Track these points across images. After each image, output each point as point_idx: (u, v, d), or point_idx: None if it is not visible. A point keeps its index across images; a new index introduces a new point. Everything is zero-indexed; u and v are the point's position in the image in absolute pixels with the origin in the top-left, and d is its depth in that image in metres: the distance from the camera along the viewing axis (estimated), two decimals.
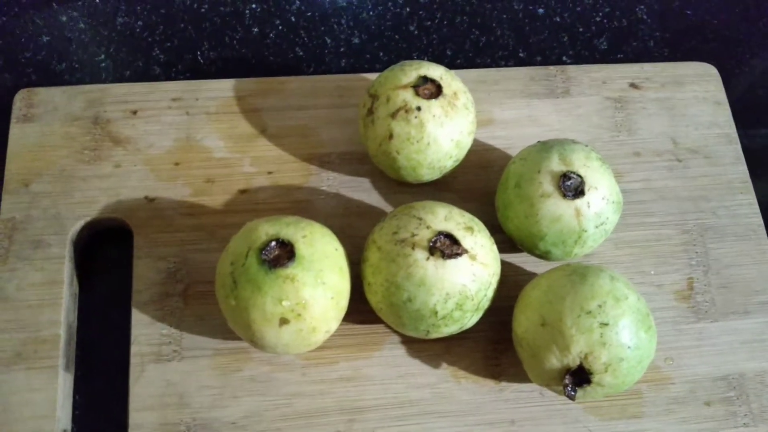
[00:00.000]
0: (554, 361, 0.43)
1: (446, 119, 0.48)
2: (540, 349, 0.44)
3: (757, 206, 0.56)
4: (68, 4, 0.62)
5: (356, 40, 0.63)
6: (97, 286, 0.52)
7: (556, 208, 0.46)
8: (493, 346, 0.51)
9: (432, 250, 0.43)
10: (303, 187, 0.54)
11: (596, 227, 0.47)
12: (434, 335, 0.46)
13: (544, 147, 0.49)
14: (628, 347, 0.42)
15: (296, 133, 0.55)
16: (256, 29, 0.62)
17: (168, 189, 0.53)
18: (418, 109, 0.47)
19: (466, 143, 0.50)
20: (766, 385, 0.51)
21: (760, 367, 0.52)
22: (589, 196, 0.46)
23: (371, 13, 0.64)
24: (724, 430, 0.50)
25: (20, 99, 0.54)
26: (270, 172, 0.54)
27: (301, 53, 0.62)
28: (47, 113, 0.54)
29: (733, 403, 0.50)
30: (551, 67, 0.60)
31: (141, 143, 0.54)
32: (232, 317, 0.44)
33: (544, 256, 0.50)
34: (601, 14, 0.66)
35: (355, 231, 0.52)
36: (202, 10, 0.63)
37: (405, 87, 0.48)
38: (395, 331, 0.50)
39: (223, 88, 0.56)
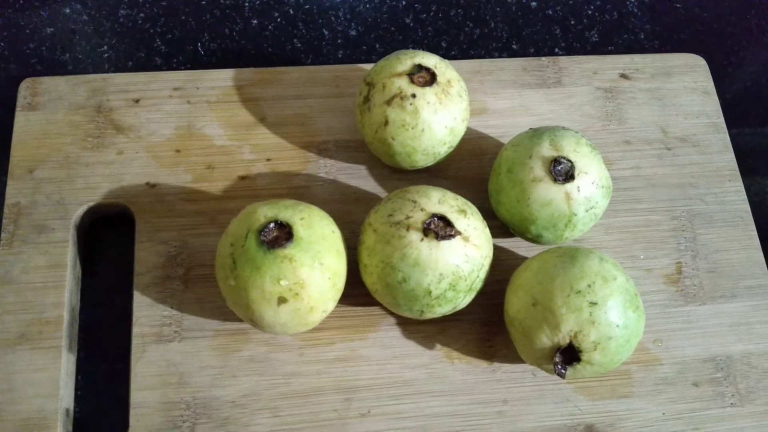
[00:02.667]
0: (545, 340, 0.44)
1: (440, 106, 0.49)
2: (531, 328, 0.45)
3: (744, 193, 0.57)
4: None
5: (353, 32, 0.64)
6: (100, 269, 0.53)
7: (547, 192, 0.47)
8: (486, 327, 0.52)
9: (426, 231, 0.45)
10: (301, 174, 0.55)
11: (586, 211, 0.48)
12: (428, 315, 0.47)
13: (536, 133, 0.50)
14: (617, 326, 0.43)
15: (294, 122, 0.57)
16: (255, 21, 0.64)
17: (169, 175, 0.54)
18: (413, 96, 0.48)
19: (460, 130, 0.51)
20: (753, 366, 0.52)
21: (747, 349, 0.53)
22: (579, 180, 0.47)
23: (368, 5, 0.66)
24: (712, 410, 0.51)
25: (25, 88, 0.56)
26: (269, 159, 0.55)
27: (299, 45, 0.63)
28: (51, 102, 0.55)
29: (720, 384, 0.52)
30: (543, 58, 0.61)
31: (143, 131, 0.55)
32: (231, 297, 0.45)
33: (536, 239, 0.51)
34: (592, 7, 0.67)
35: (351, 216, 0.54)
36: (203, 2, 0.64)
37: (400, 75, 0.49)
38: (390, 313, 0.51)
39: (224, 77, 0.58)
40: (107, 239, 0.54)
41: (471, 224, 0.46)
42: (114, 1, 0.63)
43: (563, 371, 0.44)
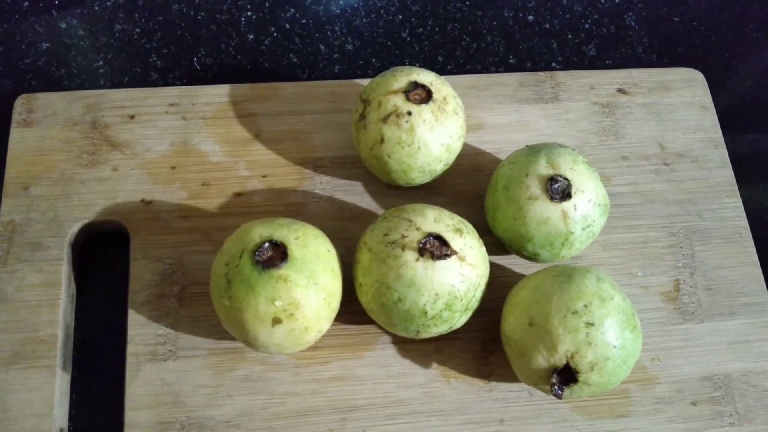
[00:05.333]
0: (541, 361, 0.44)
1: (436, 124, 0.49)
2: (527, 348, 0.45)
3: (742, 209, 0.57)
4: (68, 11, 0.63)
5: (349, 47, 0.64)
6: (95, 287, 0.53)
7: (544, 210, 0.47)
8: (482, 346, 0.51)
9: (422, 251, 0.44)
10: (297, 191, 0.55)
11: (583, 229, 0.48)
12: (424, 335, 0.47)
13: (532, 151, 0.50)
14: (614, 347, 0.43)
15: (290, 138, 0.56)
16: (251, 36, 0.64)
17: (164, 192, 0.54)
18: (409, 113, 0.48)
19: (456, 147, 0.51)
20: (752, 385, 0.52)
21: (746, 367, 0.52)
22: (576, 198, 0.47)
23: (364, 20, 0.65)
24: (710, 429, 0.50)
25: (20, 104, 0.55)
26: (264, 176, 0.55)
27: (295, 59, 0.63)
28: (46, 118, 0.55)
29: (719, 403, 0.51)
30: (540, 73, 0.61)
31: (138, 147, 0.55)
32: (226, 317, 0.45)
33: (533, 257, 0.51)
34: (589, 21, 0.67)
35: (347, 233, 0.53)
36: (199, 17, 0.64)
37: (396, 92, 0.49)
38: (386, 332, 0.51)
39: (219, 93, 0.57)
40: (102, 257, 0.54)
41: (467, 243, 0.46)
42: (110, 15, 0.63)
43: (560, 392, 0.44)
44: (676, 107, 0.60)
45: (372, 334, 0.51)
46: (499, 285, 0.52)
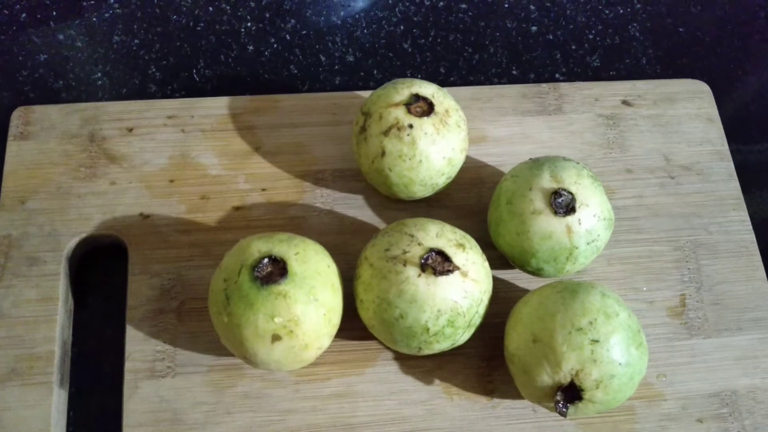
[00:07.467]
0: (545, 378, 0.43)
1: (438, 137, 0.48)
2: (531, 365, 0.44)
3: (749, 223, 0.57)
4: (66, 23, 0.62)
5: (350, 58, 0.63)
6: (92, 302, 0.53)
7: (548, 225, 0.47)
8: (485, 362, 0.51)
9: (423, 267, 0.44)
10: (297, 204, 0.54)
11: (587, 244, 0.47)
12: (426, 352, 0.46)
13: (536, 164, 0.49)
14: (619, 364, 0.43)
15: (290, 151, 0.56)
16: (251, 47, 0.63)
17: (163, 206, 0.53)
18: (410, 126, 0.48)
19: (459, 160, 0.50)
20: (759, 401, 0.51)
21: (753, 383, 0.52)
22: (580, 213, 0.47)
23: (365, 31, 0.65)
24: None
25: (17, 117, 0.55)
26: (264, 189, 0.54)
27: (295, 71, 0.62)
28: (44, 131, 0.55)
29: (725, 420, 0.50)
30: (544, 85, 0.60)
31: (136, 160, 0.54)
32: (224, 334, 0.44)
33: (537, 272, 0.50)
34: (593, 32, 0.67)
35: (348, 248, 0.53)
36: (198, 28, 0.63)
37: (397, 105, 0.48)
38: (388, 348, 0.50)
39: (218, 105, 0.57)
40: (100, 271, 0.53)
41: (469, 258, 0.45)
42: (108, 27, 0.63)
43: (565, 410, 0.43)
44: (681, 119, 0.60)
45: (373, 350, 0.50)
46: (503, 300, 0.51)
